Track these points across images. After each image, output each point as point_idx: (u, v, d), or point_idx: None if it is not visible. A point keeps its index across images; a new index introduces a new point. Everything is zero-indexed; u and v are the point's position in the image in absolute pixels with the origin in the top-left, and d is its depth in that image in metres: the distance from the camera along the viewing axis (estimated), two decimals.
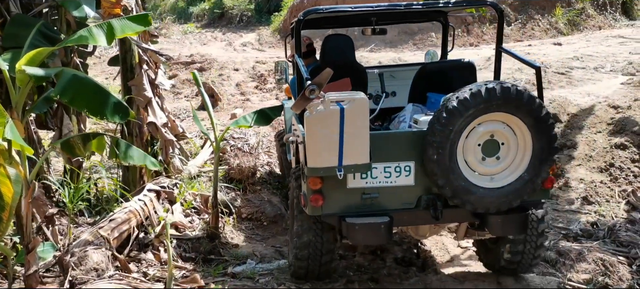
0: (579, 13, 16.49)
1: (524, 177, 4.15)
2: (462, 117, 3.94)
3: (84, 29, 4.39)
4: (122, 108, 4.24)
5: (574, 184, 6.91)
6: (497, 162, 4.16)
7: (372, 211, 4.28)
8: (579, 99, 8.58)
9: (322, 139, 3.86)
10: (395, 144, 4.24)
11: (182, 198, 5.79)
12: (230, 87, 13.27)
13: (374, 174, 4.20)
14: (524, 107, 3.95)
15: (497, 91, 3.89)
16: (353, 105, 3.83)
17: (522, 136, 4.10)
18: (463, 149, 4.09)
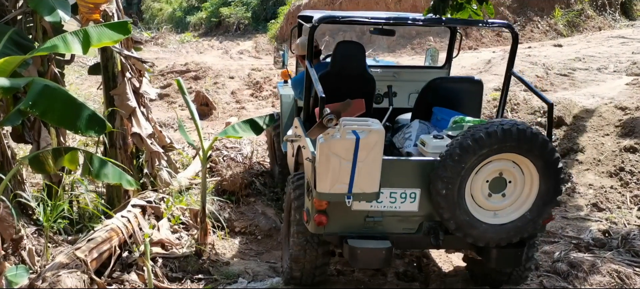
0: (578, 14, 16.23)
1: (526, 216, 4.17)
2: (476, 155, 3.95)
3: (57, 37, 4.08)
4: (98, 121, 3.92)
5: (583, 190, 6.59)
6: (502, 199, 4.18)
7: (373, 234, 4.30)
8: (583, 101, 8.29)
9: (335, 166, 3.82)
10: (403, 170, 4.23)
11: (170, 213, 5.46)
12: (226, 96, 12.96)
13: (380, 198, 4.16)
14: (536, 150, 3.96)
15: (513, 132, 3.89)
16: (369, 135, 3.78)
17: (530, 176, 4.11)
18: (471, 184, 4.10)
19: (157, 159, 5.83)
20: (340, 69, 5.02)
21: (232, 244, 6.13)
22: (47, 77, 5.29)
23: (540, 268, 5.26)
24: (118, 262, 4.75)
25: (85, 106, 3.95)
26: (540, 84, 9.85)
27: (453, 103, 4.96)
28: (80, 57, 17.18)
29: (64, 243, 4.97)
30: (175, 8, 26.14)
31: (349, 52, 5.13)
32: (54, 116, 3.78)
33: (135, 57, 5.69)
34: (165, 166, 5.99)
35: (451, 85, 5.43)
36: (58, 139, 5.40)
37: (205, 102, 11.79)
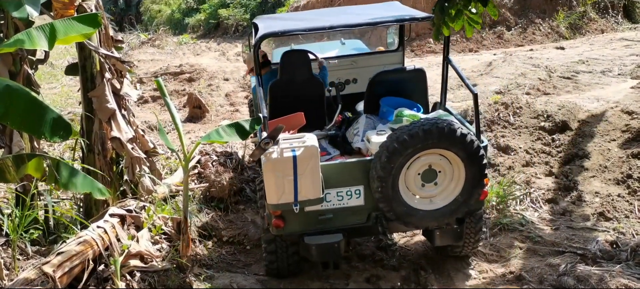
0: (581, 16, 15.92)
1: (458, 199, 4.66)
2: (402, 155, 4.41)
3: (22, 33, 3.77)
4: (63, 125, 3.60)
5: (589, 198, 6.26)
6: (435, 187, 4.67)
7: (328, 229, 4.79)
8: (588, 105, 7.96)
9: (279, 181, 4.31)
10: (346, 172, 4.69)
11: (151, 223, 5.13)
12: (219, 98, 12.67)
13: (328, 198, 4.68)
14: (457, 144, 4.42)
15: (433, 132, 4.36)
16: (304, 151, 4.28)
17: (456, 165, 4.58)
18: (404, 179, 4.58)
19: (139, 165, 5.49)
20: (289, 77, 5.50)
21: (218, 254, 5.80)
22: (19, 78, 4.98)
23: (545, 282, 4.95)
24: (92, 276, 4.42)
25: (50, 108, 3.63)
26: (542, 87, 9.54)
27: (399, 92, 5.48)
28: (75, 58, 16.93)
29: (36, 256, 4.64)
30: (173, 10, 26.03)
31: (295, 60, 5.60)
32: (15, 119, 3.47)
33: (115, 57, 5.37)
34: (147, 172, 5.66)
35: (396, 76, 5.82)
36: (31, 144, 5.08)
37: (198, 105, 11.49)
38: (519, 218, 5.96)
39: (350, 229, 4.85)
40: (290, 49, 6.16)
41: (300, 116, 5.06)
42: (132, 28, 25.29)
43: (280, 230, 4.71)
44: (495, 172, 6.84)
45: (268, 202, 4.48)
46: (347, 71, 6.50)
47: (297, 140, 4.39)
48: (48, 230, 5.16)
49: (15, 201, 5.01)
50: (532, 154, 7.07)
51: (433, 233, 4.95)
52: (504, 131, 7.47)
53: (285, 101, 5.31)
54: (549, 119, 7.49)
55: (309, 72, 5.61)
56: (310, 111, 5.32)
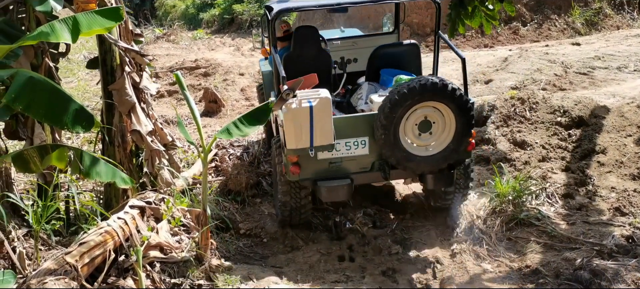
0: (596, 13, 15.79)
1: (450, 147, 5.45)
2: (403, 106, 5.21)
3: (45, 25, 3.83)
4: (86, 116, 3.66)
5: (605, 193, 6.25)
6: (430, 136, 5.47)
7: (337, 175, 5.61)
8: (604, 100, 7.93)
9: (297, 128, 5.16)
10: (353, 125, 5.54)
11: (170, 215, 5.19)
12: (235, 92, 12.72)
13: (338, 147, 5.51)
14: (448, 97, 5.21)
15: (428, 86, 5.17)
16: (319, 102, 5.14)
17: (448, 117, 5.37)
18: (404, 128, 5.38)
19: (158, 157, 5.56)
20: (300, 50, 6.30)
21: (236, 247, 5.87)
22: (41, 71, 5.06)
23: (561, 276, 4.95)
24: (113, 267, 4.48)
25: (73, 99, 3.69)
26: (558, 82, 9.51)
27: (397, 64, 6.23)
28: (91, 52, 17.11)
29: (58, 246, 4.72)
30: (188, 5, 26.09)
31: (306, 35, 6.42)
32: (38, 110, 3.53)
33: (135, 50, 5.44)
34: (166, 164, 5.73)
35: (392, 50, 6.61)
36: (53, 135, 5.16)
37: (214, 99, 11.55)
38: (535, 213, 5.95)
39: (357, 174, 5.67)
40: (302, 26, 6.89)
41: (314, 76, 5.74)
42: (147, 23, 25.37)
43: (296, 176, 5.51)
44: (512, 167, 6.84)
45: (287, 147, 5.30)
46: (348, 52, 7.22)
47: (313, 93, 5.21)
48: (69, 221, 5.24)
49: (38, 191, 5.09)
50: (548, 149, 7.06)
51: (427, 177, 5.72)
52: (520, 126, 7.47)
53: (297, 70, 5.89)
54: (565, 114, 7.48)
55: (318, 46, 6.46)
56: (319, 79, 5.87)
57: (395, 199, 6.88)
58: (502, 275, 5.20)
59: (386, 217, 6.60)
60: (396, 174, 5.77)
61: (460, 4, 6.12)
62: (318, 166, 5.53)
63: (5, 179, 4.62)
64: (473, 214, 6.14)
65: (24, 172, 4.37)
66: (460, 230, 5.91)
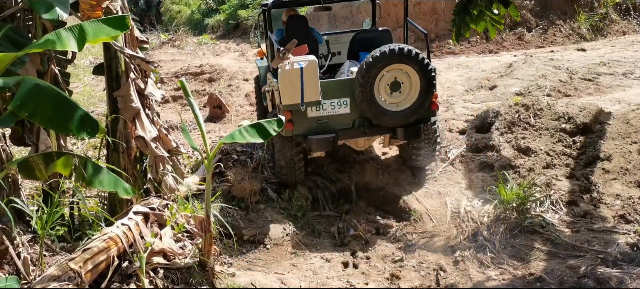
0: (602, 18, 15.73)
1: (416, 103, 6.56)
2: (375, 68, 6.36)
3: (52, 33, 3.87)
4: (91, 122, 3.69)
5: (609, 200, 6.22)
6: (399, 94, 6.58)
7: (324, 131, 6.69)
8: (609, 107, 7.90)
9: (290, 86, 6.30)
10: (336, 87, 6.68)
11: (173, 221, 5.21)
12: (239, 98, 12.76)
13: (324, 107, 6.62)
14: (412, 60, 6.39)
15: (395, 50, 6.35)
16: (308, 64, 6.29)
17: (414, 77, 6.50)
18: (378, 87, 6.49)
19: (162, 163, 5.58)
20: (292, 35, 7.07)
21: (239, 253, 5.88)
22: (47, 78, 5.09)
23: (565, 284, 4.94)
24: (117, 273, 4.50)
25: (78, 106, 3.72)
26: (563, 89, 9.49)
27: (372, 47, 6.83)
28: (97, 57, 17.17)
29: (62, 252, 4.74)
30: (193, 10, 26.17)
31: (297, 23, 7.60)
32: (43, 116, 3.56)
33: (140, 57, 5.46)
34: (170, 171, 5.74)
35: (369, 35, 7.89)
36: (58, 142, 5.18)
37: (218, 105, 11.58)
38: (539, 220, 5.94)
39: (340, 131, 6.73)
40: (293, 15, 7.79)
41: (304, 47, 6.85)
42: (153, 28, 25.48)
43: (290, 132, 6.61)
44: (516, 174, 6.83)
45: (283, 103, 6.40)
46: (332, 46, 8.38)
47: (303, 58, 6.38)
48: (73, 227, 5.26)
49: (43, 198, 5.11)
50: (552, 156, 7.05)
51: (398, 131, 6.76)
52: (524, 133, 7.46)
53: None
54: (570, 121, 7.46)
55: (306, 31, 7.57)
56: None
57: (398, 206, 6.87)
58: (505, 283, 5.19)
59: (389, 223, 6.60)
60: (373, 130, 6.81)
61: (464, 10, 6.13)
62: (308, 123, 6.64)
63: (12, 185, 4.64)
64: (477, 220, 6.13)
65: (30, 179, 4.40)
66: (464, 237, 5.90)
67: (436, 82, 6.65)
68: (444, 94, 10.60)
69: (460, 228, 6.16)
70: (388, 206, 6.99)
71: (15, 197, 4.49)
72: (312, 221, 6.64)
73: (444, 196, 6.87)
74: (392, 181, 7.33)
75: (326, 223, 6.57)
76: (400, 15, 15.88)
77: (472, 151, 7.62)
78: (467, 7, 6.08)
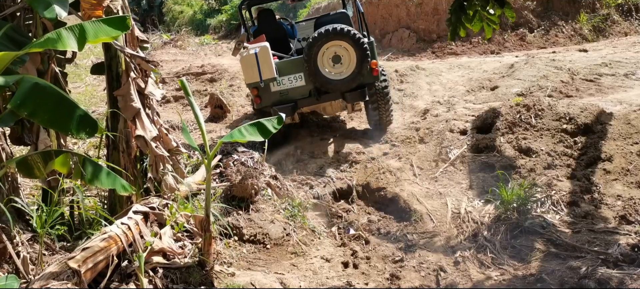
0: (604, 19, 15.70)
1: (355, 71, 8.05)
2: (315, 45, 7.92)
3: (52, 32, 3.86)
4: (90, 122, 3.69)
5: (610, 201, 6.21)
6: (340, 66, 8.09)
7: (286, 101, 8.33)
8: (611, 107, 7.89)
9: (249, 68, 7.92)
10: (292, 65, 8.30)
11: (173, 220, 5.20)
12: (241, 98, 12.76)
13: (283, 82, 8.26)
14: (348, 37, 7.87)
15: (331, 30, 7.89)
16: (261, 49, 7.84)
17: (350, 51, 7.98)
18: (321, 60, 8.04)
19: (162, 163, 5.57)
20: (262, 27, 9.09)
21: (239, 253, 5.86)
22: (47, 77, 5.09)
23: (566, 285, 4.93)
24: (116, 272, 4.50)
25: (77, 106, 3.72)
26: (565, 89, 9.49)
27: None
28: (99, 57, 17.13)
29: (62, 251, 4.74)
30: (196, 11, 26.22)
31: (265, 16, 9.38)
32: (43, 116, 3.56)
33: (140, 56, 5.46)
34: (170, 170, 5.74)
35: (328, 19, 8.99)
36: (58, 141, 5.18)
37: (220, 105, 11.59)
38: (540, 221, 5.93)
39: (299, 100, 8.36)
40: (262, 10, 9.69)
41: (262, 37, 8.35)
42: (155, 28, 25.52)
43: (259, 105, 8.38)
44: (517, 174, 6.81)
45: (245, 82, 8.24)
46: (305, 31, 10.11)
47: (258, 45, 7.91)
48: (74, 226, 5.26)
49: (42, 196, 5.11)
50: (553, 156, 7.03)
51: (345, 95, 8.31)
52: (525, 133, 7.44)
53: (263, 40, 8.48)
54: (571, 121, 7.44)
55: (274, 22, 9.37)
56: (278, 45, 8.99)
57: (399, 206, 6.86)
58: (506, 283, 5.18)
59: (390, 223, 6.59)
60: (325, 97, 8.39)
61: (461, 8, 6.11)
62: (272, 96, 8.30)
63: (11, 184, 4.64)
64: (478, 221, 6.13)
65: (28, 178, 4.39)
66: (464, 238, 5.89)
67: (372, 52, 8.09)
68: (446, 94, 10.59)
69: (461, 228, 6.15)
70: (388, 206, 6.98)
71: (15, 196, 4.49)
72: (312, 221, 6.63)
73: (444, 196, 6.86)
74: (393, 180, 7.32)
75: (326, 222, 6.56)
76: (402, 16, 15.96)
77: (473, 152, 7.61)
78: (464, 6, 6.05)
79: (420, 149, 8.17)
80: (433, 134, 8.37)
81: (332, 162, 8.11)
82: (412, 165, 7.75)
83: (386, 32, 16.01)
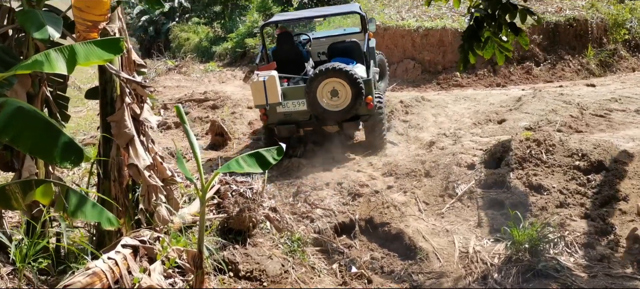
0: (611, 54, 15.51)
1: (350, 105, 8.90)
2: (317, 80, 8.85)
3: (40, 54, 3.62)
4: (75, 150, 3.43)
5: (627, 243, 5.89)
6: (337, 99, 8.92)
7: (289, 121, 9.36)
8: (623, 144, 7.61)
9: (258, 93, 8.81)
10: (295, 91, 9.24)
11: (164, 255, 4.90)
12: (242, 126, 12.52)
13: (288, 105, 9.23)
14: (343, 75, 8.77)
15: (330, 69, 8.80)
16: (269, 78, 8.74)
17: (346, 87, 8.82)
18: (321, 93, 8.91)
19: (155, 193, 5.28)
20: (280, 47, 10.15)
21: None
22: (37, 101, 4.85)
23: None
24: None
25: (63, 132, 3.47)
26: (575, 124, 9.23)
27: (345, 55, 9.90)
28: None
29: (43, 286, 4.44)
30: (201, 38, 26.35)
31: (283, 38, 10.22)
32: (25, 142, 3.31)
33: (136, 81, 5.21)
34: (164, 201, 5.45)
35: (341, 45, 10.20)
36: (46, 168, 4.91)
37: (221, 132, 11.34)
38: (553, 263, 5.60)
39: (300, 122, 9.39)
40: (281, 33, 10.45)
41: (273, 64, 9.43)
42: (160, 55, 25.54)
43: (266, 122, 9.52)
44: (528, 213, 6.50)
45: (254, 104, 9.24)
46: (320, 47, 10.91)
47: (267, 73, 8.84)
48: (58, 259, 4.96)
49: (27, 227, 4.83)
50: (566, 194, 6.72)
51: (342, 124, 9.31)
52: (536, 169, 7.15)
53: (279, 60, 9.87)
54: (584, 158, 7.15)
55: (291, 44, 10.19)
56: (292, 66, 9.97)
57: (404, 243, 6.55)
58: None
59: (394, 262, 6.28)
60: (323, 124, 9.38)
61: (473, 35, 5.86)
62: (278, 116, 9.37)
63: None
64: (487, 261, 5.82)
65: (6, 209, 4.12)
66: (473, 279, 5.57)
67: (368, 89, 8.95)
68: (452, 127, 10.33)
69: (469, 269, 5.83)
70: (392, 242, 6.66)
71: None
72: (312, 257, 6.32)
73: (451, 233, 6.55)
74: (398, 215, 7.02)
75: (327, 259, 6.25)
76: (407, 47, 15.82)
77: (482, 187, 7.30)
78: (477, 32, 5.81)
79: (425, 183, 7.86)
80: (439, 167, 8.07)
81: (335, 194, 7.80)
82: (417, 200, 7.45)
83: (391, 63, 15.80)
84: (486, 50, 6.05)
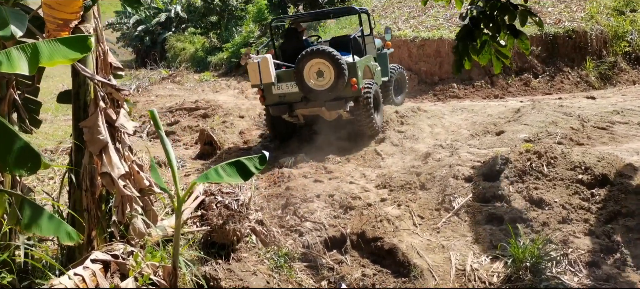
0: (611, 66, 15.28)
1: (333, 85, 9.70)
2: (303, 61, 9.71)
3: (0, 52, 3.29)
4: (31, 156, 3.07)
5: (635, 262, 5.54)
6: (322, 79, 9.74)
7: (284, 103, 10.27)
8: (627, 158, 7.28)
9: (253, 73, 9.97)
10: (288, 74, 10.10)
11: (138, 271, 4.54)
12: (233, 135, 12.21)
13: (282, 87, 10.16)
14: (327, 56, 9.59)
15: (314, 50, 9.71)
16: (262, 60, 9.85)
17: (330, 68, 9.64)
18: (308, 74, 9.77)
19: (129, 204, 4.93)
20: (288, 42, 10.98)
21: None
22: (4, 104, 4.50)
23: None
24: None
25: (19, 137, 3.13)
26: (576, 137, 8.91)
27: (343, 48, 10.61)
28: None
29: None
30: (197, 48, 26.38)
31: (291, 33, 11.09)
32: None
33: (111, 84, 4.87)
34: (140, 212, 5.10)
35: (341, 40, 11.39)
36: (13, 177, 4.55)
37: (210, 141, 11.03)
38: (556, 283, 5.25)
39: (293, 102, 10.19)
40: (289, 28, 11.38)
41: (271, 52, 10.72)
42: (155, 64, 25.47)
43: (264, 103, 10.42)
44: (528, 228, 6.15)
45: (251, 83, 10.25)
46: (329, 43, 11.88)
47: (260, 56, 9.87)
48: (25, 273, 4.60)
49: None
50: (569, 209, 6.37)
51: (327, 103, 9.84)
52: (537, 183, 6.80)
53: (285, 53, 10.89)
54: (587, 171, 6.80)
55: (298, 39, 10.87)
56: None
57: (397, 259, 6.18)
58: None
59: (387, 279, 5.92)
60: (311, 103, 10.07)
61: (468, 36, 5.50)
62: (273, 98, 10.25)
63: None
64: (485, 280, 5.47)
65: None
66: None
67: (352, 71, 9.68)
68: (448, 138, 10.01)
69: (466, 288, 5.48)
70: (385, 258, 6.30)
71: None
72: (300, 273, 5.96)
73: (447, 250, 6.20)
74: (391, 230, 6.66)
75: (315, 276, 5.89)
76: (403, 57, 15.57)
77: (479, 201, 6.95)
78: (473, 32, 5.46)
79: (421, 195, 7.50)
80: (435, 180, 7.71)
81: (326, 206, 7.44)
82: (412, 213, 7.09)
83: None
84: (482, 55, 5.71)
